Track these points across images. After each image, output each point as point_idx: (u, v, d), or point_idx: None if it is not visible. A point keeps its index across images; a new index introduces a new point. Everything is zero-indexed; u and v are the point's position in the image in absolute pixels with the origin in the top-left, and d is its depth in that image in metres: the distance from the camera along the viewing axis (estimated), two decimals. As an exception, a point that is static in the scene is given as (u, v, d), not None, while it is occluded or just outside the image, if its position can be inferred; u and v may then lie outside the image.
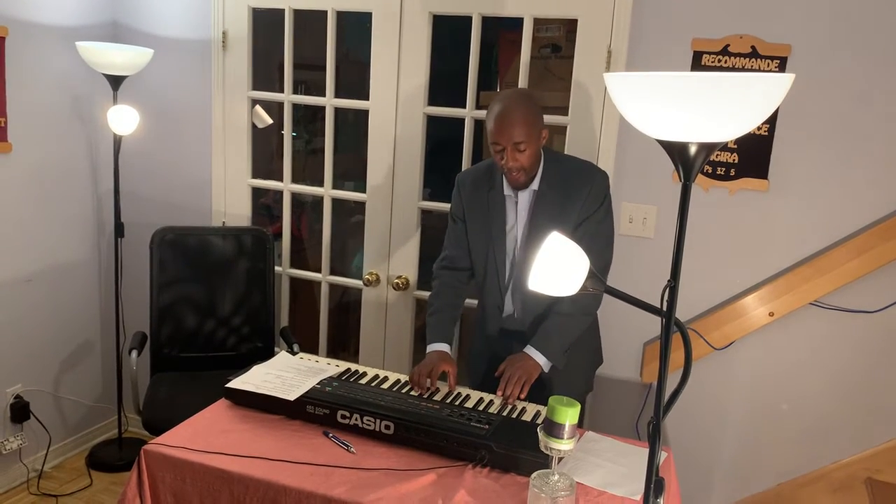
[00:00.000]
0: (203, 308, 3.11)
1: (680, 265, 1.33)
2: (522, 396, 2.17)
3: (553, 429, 1.70)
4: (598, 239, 2.25)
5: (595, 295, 2.33)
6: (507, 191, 2.32)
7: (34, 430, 3.26)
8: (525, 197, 2.31)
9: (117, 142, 3.21)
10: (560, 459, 1.74)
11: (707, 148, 1.22)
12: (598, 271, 1.60)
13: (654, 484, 1.41)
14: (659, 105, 1.17)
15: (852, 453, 2.61)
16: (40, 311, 3.25)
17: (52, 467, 3.37)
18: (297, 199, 3.49)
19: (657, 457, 1.41)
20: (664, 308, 1.34)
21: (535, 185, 2.28)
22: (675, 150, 1.24)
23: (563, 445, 1.70)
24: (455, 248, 2.47)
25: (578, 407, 1.71)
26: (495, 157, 2.21)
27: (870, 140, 2.45)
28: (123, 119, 3.11)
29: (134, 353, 2.89)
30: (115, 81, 3.10)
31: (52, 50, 3.11)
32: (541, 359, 2.25)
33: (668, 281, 1.33)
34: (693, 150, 1.22)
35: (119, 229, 3.32)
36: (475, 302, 2.61)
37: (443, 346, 2.36)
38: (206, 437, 1.97)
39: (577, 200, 2.24)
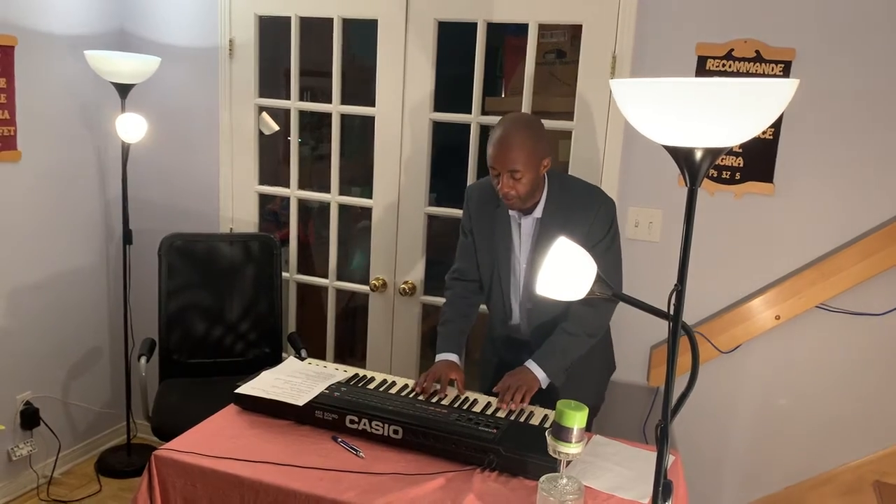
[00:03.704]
0: (211, 314, 3.12)
1: (686, 269, 1.34)
2: (523, 405, 2.17)
3: (561, 432, 1.71)
4: (604, 267, 2.21)
5: (602, 317, 2.33)
6: (511, 211, 2.31)
7: (44, 436, 3.27)
8: (528, 223, 2.29)
9: (125, 149, 3.23)
10: (568, 463, 1.75)
11: (712, 153, 1.23)
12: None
13: (663, 487, 1.42)
14: (664, 111, 1.18)
15: (860, 456, 2.61)
16: (49, 317, 3.27)
17: (62, 473, 3.39)
18: (303, 204, 3.51)
19: (665, 459, 1.41)
20: (671, 312, 1.35)
21: (538, 212, 2.26)
22: (681, 156, 1.25)
23: (572, 449, 1.71)
24: (465, 262, 2.48)
25: (587, 410, 1.72)
26: (493, 180, 2.19)
27: (874, 143, 2.45)
28: (131, 127, 3.13)
29: (143, 360, 2.90)
30: (123, 89, 3.12)
31: (60, 59, 3.14)
32: (540, 374, 2.25)
33: (675, 285, 1.34)
34: (699, 155, 1.23)
35: (127, 236, 3.34)
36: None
37: (451, 356, 2.37)
38: (215, 442, 1.98)
39: (582, 228, 2.20)
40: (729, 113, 1.14)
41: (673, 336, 1.36)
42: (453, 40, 3.01)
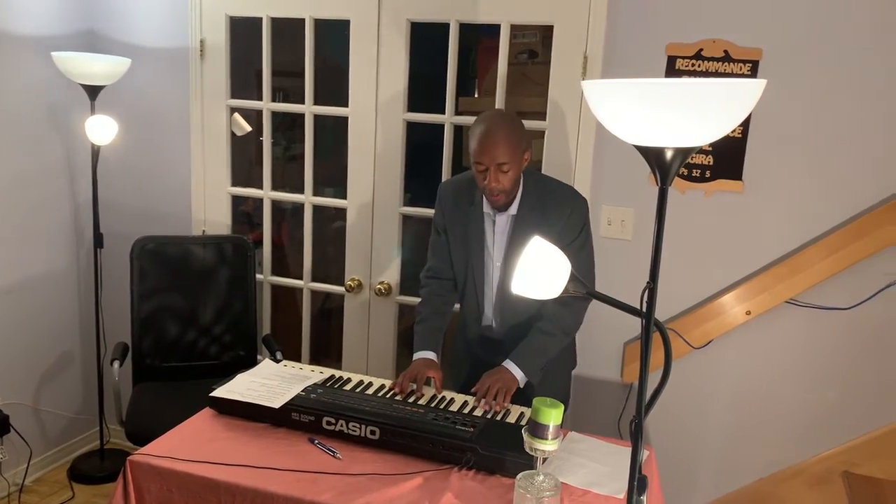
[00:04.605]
0: (185, 317, 3.09)
1: (658, 267, 1.36)
2: (504, 405, 2.18)
3: (537, 430, 1.72)
4: (578, 265, 2.23)
5: (577, 315, 2.36)
6: (486, 208, 2.33)
7: (14, 443, 3.22)
8: (503, 220, 2.31)
9: (95, 151, 3.19)
10: (545, 460, 1.77)
11: (683, 152, 1.25)
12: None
13: (637, 482, 1.44)
14: (635, 111, 1.19)
15: (829, 448, 2.66)
16: (19, 323, 3.22)
17: (34, 481, 3.34)
18: (277, 206, 3.49)
19: (640, 455, 1.43)
20: (644, 309, 1.37)
21: (513, 209, 2.29)
22: (652, 155, 1.27)
23: (548, 446, 1.73)
24: (438, 260, 2.49)
25: (562, 408, 1.74)
26: (477, 177, 2.20)
27: (839, 141, 2.50)
28: (101, 129, 3.09)
29: (116, 364, 2.87)
30: (93, 91, 3.09)
31: (27, 60, 3.09)
32: (518, 373, 2.26)
33: (648, 282, 1.36)
34: (669, 154, 1.25)
35: (98, 239, 3.30)
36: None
37: (429, 354, 2.37)
38: (191, 446, 1.97)
39: (556, 227, 2.24)
40: (699, 113, 1.16)
41: (646, 333, 1.38)
42: (426, 41, 3.01)
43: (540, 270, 1.50)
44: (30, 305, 3.26)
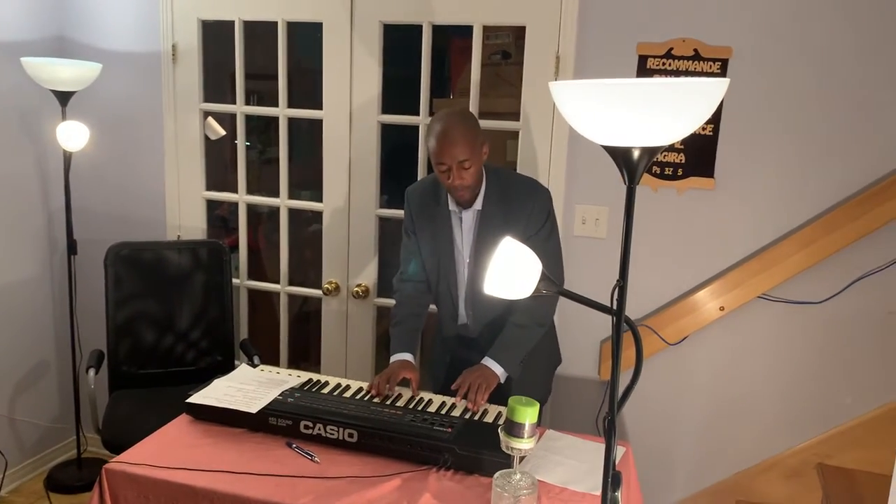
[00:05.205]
0: (161, 323, 3.07)
1: (628, 265, 1.37)
2: (483, 401, 2.20)
3: (513, 428, 1.74)
4: (546, 256, 2.25)
5: (549, 306, 2.38)
6: (452, 206, 2.35)
7: (-11, 454, 3.19)
8: (469, 216, 2.34)
9: (67, 158, 3.16)
10: (522, 458, 1.78)
11: (649, 152, 1.27)
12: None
13: (612, 478, 1.45)
14: (601, 111, 1.21)
15: (803, 440, 2.70)
16: (-8, 332, 3.19)
17: (10, 492, 3.30)
18: (252, 209, 3.48)
19: (613, 451, 1.45)
20: (614, 307, 1.39)
21: (478, 204, 2.31)
22: (619, 155, 1.28)
23: (524, 444, 1.74)
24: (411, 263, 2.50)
25: (537, 406, 1.75)
26: (440, 176, 2.23)
27: (809, 137, 2.54)
28: (73, 135, 3.06)
29: (91, 372, 2.84)
30: (64, 97, 3.05)
31: (-4, 66, 3.06)
32: (497, 369, 2.28)
33: (617, 280, 1.37)
34: (636, 154, 1.27)
35: (72, 246, 3.26)
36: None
37: (405, 356, 2.38)
38: (168, 452, 1.96)
39: (521, 219, 2.27)
40: (661, 113, 1.18)
41: (616, 331, 1.39)
42: (400, 42, 3.01)
43: (511, 271, 1.51)
44: (3, 314, 3.22)
